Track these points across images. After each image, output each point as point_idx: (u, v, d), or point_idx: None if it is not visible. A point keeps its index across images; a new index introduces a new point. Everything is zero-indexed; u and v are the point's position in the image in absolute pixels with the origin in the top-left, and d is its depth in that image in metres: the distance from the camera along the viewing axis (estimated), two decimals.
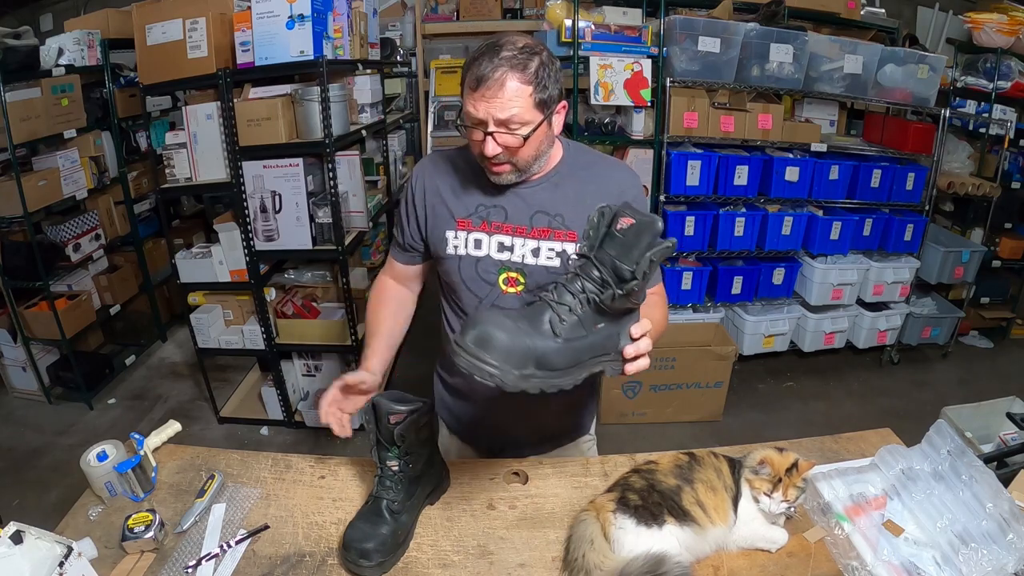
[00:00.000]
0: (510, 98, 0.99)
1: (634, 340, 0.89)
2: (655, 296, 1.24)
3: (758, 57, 2.78)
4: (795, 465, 0.97)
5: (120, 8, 3.09)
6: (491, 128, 1.02)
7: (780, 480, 0.96)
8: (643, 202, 1.21)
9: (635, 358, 0.89)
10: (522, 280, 1.15)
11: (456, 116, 1.12)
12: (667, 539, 0.90)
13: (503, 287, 1.15)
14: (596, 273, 0.83)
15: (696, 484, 0.97)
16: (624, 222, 0.83)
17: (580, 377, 0.84)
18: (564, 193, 1.15)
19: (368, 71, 3.06)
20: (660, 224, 0.82)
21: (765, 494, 0.97)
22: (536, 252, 1.14)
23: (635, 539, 0.90)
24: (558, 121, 1.10)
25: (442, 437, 1.40)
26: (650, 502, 0.94)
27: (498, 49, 1.00)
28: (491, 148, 1.03)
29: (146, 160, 3.56)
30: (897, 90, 2.95)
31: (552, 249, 1.14)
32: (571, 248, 1.14)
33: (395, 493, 1.00)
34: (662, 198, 2.91)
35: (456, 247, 1.16)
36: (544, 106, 1.04)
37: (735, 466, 1.03)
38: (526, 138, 1.03)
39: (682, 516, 0.93)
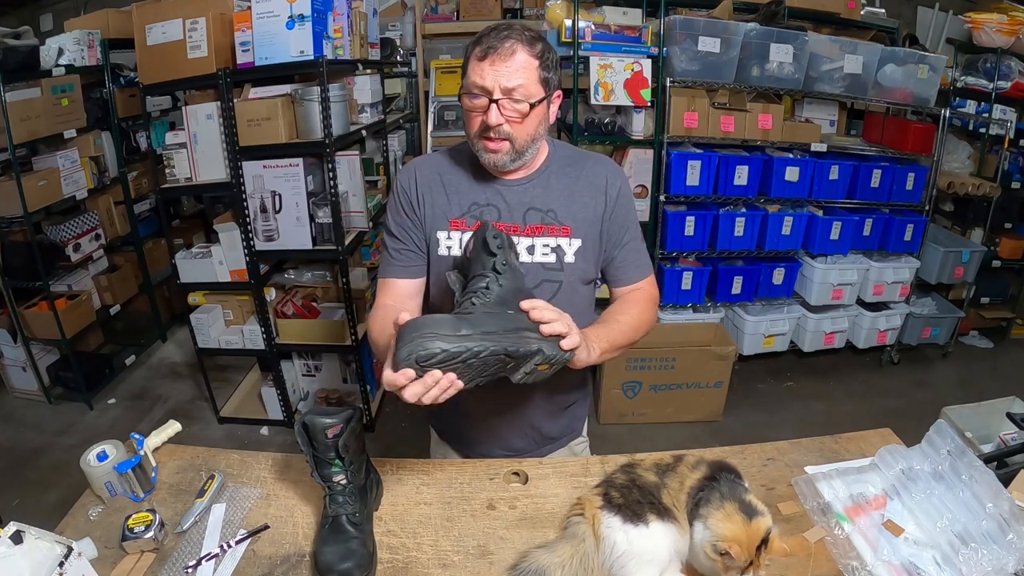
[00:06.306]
0: (518, 68, 1.01)
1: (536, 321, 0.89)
2: (639, 292, 1.21)
3: (758, 57, 2.78)
4: (765, 541, 0.85)
5: (120, 8, 3.09)
6: (497, 95, 1.01)
7: (751, 563, 0.85)
8: (628, 193, 1.21)
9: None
10: None
11: (459, 90, 1.10)
12: (656, 535, 0.90)
13: None
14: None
15: (669, 486, 0.97)
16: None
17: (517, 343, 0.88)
18: (554, 189, 1.15)
19: (368, 71, 3.05)
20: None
21: None
22: (531, 249, 1.13)
23: (624, 537, 0.90)
24: (553, 110, 1.11)
25: (432, 443, 1.40)
26: (631, 499, 0.94)
27: (507, 27, 1.03)
28: (495, 117, 1.02)
29: (146, 160, 3.56)
30: (897, 90, 2.95)
31: (547, 245, 1.14)
32: (565, 243, 1.14)
33: (351, 506, 0.98)
34: (662, 198, 2.91)
35: (449, 247, 1.15)
36: (546, 85, 1.05)
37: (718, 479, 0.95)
38: (532, 106, 1.03)
39: (664, 513, 0.92)
